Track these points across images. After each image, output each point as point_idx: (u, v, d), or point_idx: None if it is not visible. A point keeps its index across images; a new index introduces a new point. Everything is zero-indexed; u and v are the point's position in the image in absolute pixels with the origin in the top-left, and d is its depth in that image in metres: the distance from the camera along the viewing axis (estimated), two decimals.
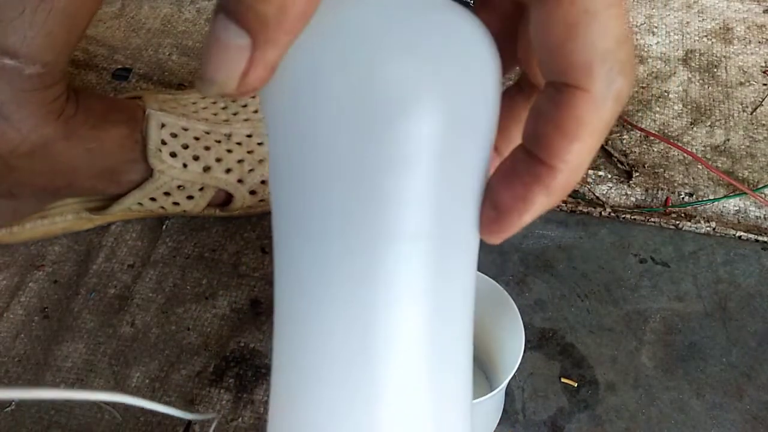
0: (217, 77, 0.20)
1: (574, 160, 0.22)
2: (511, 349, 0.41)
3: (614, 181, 0.59)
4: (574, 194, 0.58)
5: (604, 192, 0.58)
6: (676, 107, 0.65)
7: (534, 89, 0.26)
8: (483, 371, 0.48)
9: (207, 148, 0.52)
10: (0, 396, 0.24)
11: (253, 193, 0.54)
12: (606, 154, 0.61)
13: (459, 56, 0.23)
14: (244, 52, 0.20)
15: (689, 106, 0.65)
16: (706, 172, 0.59)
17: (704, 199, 0.58)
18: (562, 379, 0.48)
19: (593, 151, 0.23)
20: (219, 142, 0.53)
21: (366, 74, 0.23)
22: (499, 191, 0.24)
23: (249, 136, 0.54)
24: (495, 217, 0.25)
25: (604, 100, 0.22)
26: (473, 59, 0.24)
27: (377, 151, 0.23)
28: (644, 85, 0.66)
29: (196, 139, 0.52)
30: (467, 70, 0.24)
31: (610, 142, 0.62)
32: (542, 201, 0.23)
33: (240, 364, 0.49)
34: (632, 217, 0.56)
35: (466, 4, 0.25)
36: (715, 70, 0.67)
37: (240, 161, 0.53)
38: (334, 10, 0.22)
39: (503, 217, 0.24)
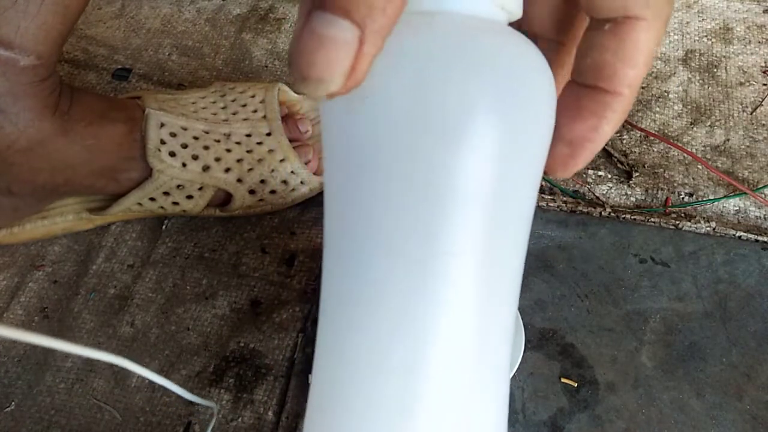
0: (326, 75, 0.20)
1: (636, 83, 0.26)
2: (511, 349, 0.41)
3: (614, 181, 0.59)
4: (574, 194, 0.58)
5: (604, 192, 0.58)
6: (676, 107, 0.64)
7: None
8: None
9: (206, 148, 0.52)
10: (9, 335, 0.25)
11: (252, 192, 0.54)
12: (606, 154, 0.61)
13: (518, 80, 0.25)
14: (351, 46, 0.20)
15: (689, 106, 0.65)
16: (706, 172, 0.59)
17: (704, 199, 0.58)
18: (562, 379, 0.48)
19: (646, 73, 0.26)
20: (218, 141, 0.53)
21: (430, 92, 0.24)
22: (570, 127, 0.27)
23: (248, 135, 0.54)
24: (570, 152, 0.27)
25: (660, 24, 0.25)
26: (530, 83, 0.25)
27: (437, 167, 0.24)
28: (644, 85, 0.66)
29: (195, 138, 0.52)
30: (525, 93, 0.25)
31: (610, 142, 0.62)
32: (611, 126, 0.26)
33: (240, 364, 0.49)
34: (632, 217, 0.56)
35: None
36: (715, 70, 0.67)
37: (239, 161, 0.53)
38: (404, 30, 0.23)
39: (578, 150, 0.27)
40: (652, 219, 0.56)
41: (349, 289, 0.27)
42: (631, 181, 0.59)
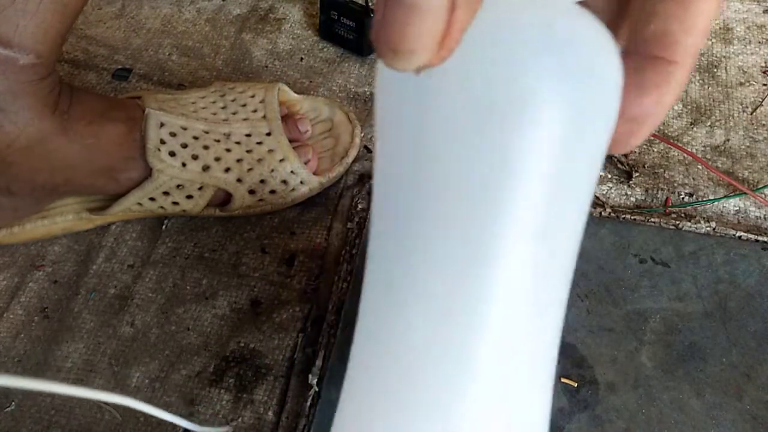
0: (418, 46, 0.19)
1: (696, 53, 0.25)
2: None
3: (614, 181, 0.59)
4: None
5: (604, 192, 0.58)
6: (676, 107, 0.64)
7: None
8: None
9: (206, 148, 0.52)
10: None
11: (252, 192, 0.54)
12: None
13: (586, 61, 0.24)
14: (441, 16, 0.19)
15: (689, 106, 0.65)
16: (706, 172, 0.59)
17: (704, 199, 0.58)
18: (562, 379, 0.48)
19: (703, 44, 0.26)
20: (218, 141, 0.53)
21: (495, 70, 0.22)
22: (633, 103, 0.25)
23: (248, 135, 0.54)
24: (631, 129, 0.26)
25: None
26: (599, 64, 0.24)
27: (501, 148, 0.23)
28: None
29: (195, 138, 0.52)
30: (593, 75, 0.24)
31: None
32: (673, 99, 0.26)
33: (240, 364, 0.49)
34: (632, 217, 0.56)
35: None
36: (715, 70, 0.67)
37: (239, 160, 0.53)
38: None
39: (640, 126, 0.26)
40: (652, 219, 0.56)
41: (400, 270, 0.26)
42: (631, 181, 0.59)
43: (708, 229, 0.55)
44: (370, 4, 0.67)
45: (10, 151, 0.46)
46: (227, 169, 0.52)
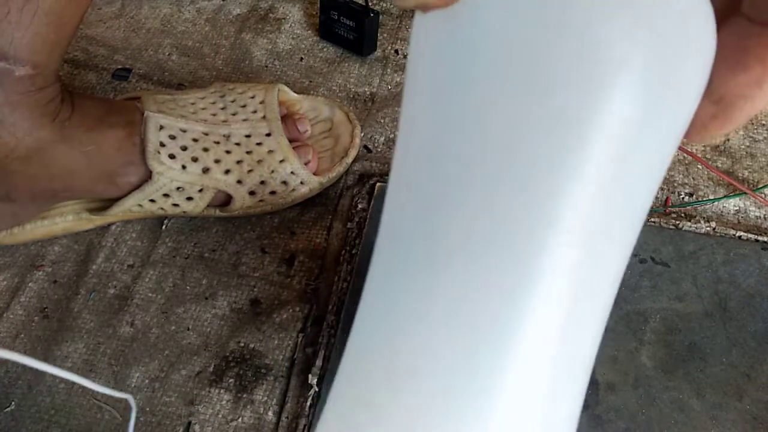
0: None
1: None
2: None
3: None
4: None
5: None
6: None
7: None
8: None
9: (206, 150, 0.52)
10: None
11: (252, 193, 0.54)
12: None
13: (678, 26, 0.20)
14: None
15: None
16: (706, 172, 0.59)
17: (704, 199, 0.58)
18: None
19: None
20: (218, 143, 0.53)
21: (570, 30, 0.19)
22: (724, 79, 0.20)
23: (248, 136, 0.54)
24: (715, 112, 0.20)
25: None
26: (691, 31, 0.20)
27: (558, 120, 0.20)
28: None
29: (195, 140, 0.52)
30: (683, 43, 0.20)
31: None
32: None
33: (240, 364, 0.49)
34: None
35: None
36: None
37: (239, 162, 0.53)
38: None
39: (727, 110, 0.20)
40: (652, 219, 0.56)
41: (423, 263, 0.23)
42: None
43: (708, 229, 0.55)
44: (369, 4, 0.67)
45: (9, 160, 0.46)
46: (227, 171, 0.52)
